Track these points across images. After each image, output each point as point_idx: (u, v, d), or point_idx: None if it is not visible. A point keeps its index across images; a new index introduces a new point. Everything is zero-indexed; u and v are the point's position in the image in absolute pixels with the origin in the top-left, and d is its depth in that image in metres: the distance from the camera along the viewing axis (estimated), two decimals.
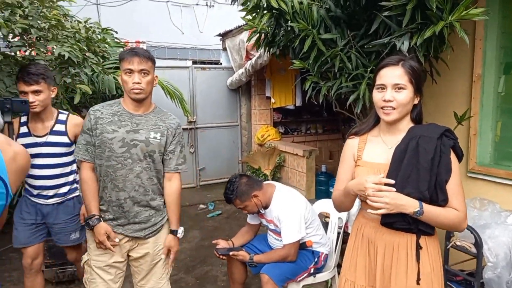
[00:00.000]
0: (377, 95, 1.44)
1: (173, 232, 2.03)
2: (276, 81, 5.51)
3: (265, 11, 2.25)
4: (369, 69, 2.05)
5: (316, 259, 2.42)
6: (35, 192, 2.33)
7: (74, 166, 2.37)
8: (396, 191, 1.35)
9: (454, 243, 2.07)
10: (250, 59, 5.08)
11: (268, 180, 5.17)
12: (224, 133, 6.23)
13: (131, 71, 1.82)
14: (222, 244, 2.49)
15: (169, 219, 2.04)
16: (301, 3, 2.17)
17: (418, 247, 1.43)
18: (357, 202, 1.61)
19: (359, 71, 2.06)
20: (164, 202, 2.04)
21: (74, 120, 2.36)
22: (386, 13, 1.75)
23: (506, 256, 1.94)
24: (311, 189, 4.75)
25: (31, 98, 2.14)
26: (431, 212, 1.35)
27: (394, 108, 1.40)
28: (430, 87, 2.36)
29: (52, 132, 2.27)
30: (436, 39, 1.62)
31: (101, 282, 1.92)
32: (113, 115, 1.88)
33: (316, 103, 2.67)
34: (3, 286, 3.18)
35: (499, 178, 2.36)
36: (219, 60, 7.16)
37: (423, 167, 1.35)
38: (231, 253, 2.38)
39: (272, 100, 5.61)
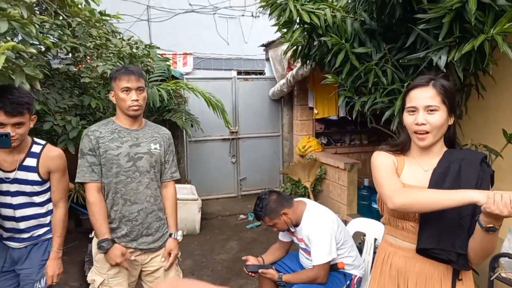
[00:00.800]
0: (409, 119, 1.36)
1: (172, 235, 2.07)
2: (319, 92, 5.41)
3: (298, 26, 2.21)
4: (406, 84, 1.93)
5: (348, 282, 2.31)
6: (6, 235, 1.94)
7: (50, 206, 1.99)
8: (436, 217, 1.27)
9: (499, 274, 1.88)
10: (292, 69, 5.04)
11: (308, 192, 5.07)
12: (266, 143, 6.22)
13: (128, 89, 1.87)
14: (251, 260, 2.45)
15: (168, 223, 2.09)
16: (334, 16, 2.10)
17: (455, 278, 1.33)
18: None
19: (395, 86, 1.95)
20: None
21: (50, 153, 1.92)
22: (422, 26, 1.64)
23: None
24: (353, 204, 4.58)
25: (10, 131, 1.72)
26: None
27: (427, 132, 1.32)
28: (477, 102, 2.17)
29: (21, 168, 1.86)
30: (476, 54, 1.48)
31: None
32: (112, 132, 1.92)
33: (350, 118, 2.57)
34: None
35: None
36: (263, 70, 7.19)
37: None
38: (260, 270, 2.34)
39: (315, 111, 5.51)
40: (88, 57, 2.94)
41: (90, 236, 2.09)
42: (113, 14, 3.26)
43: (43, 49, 2.74)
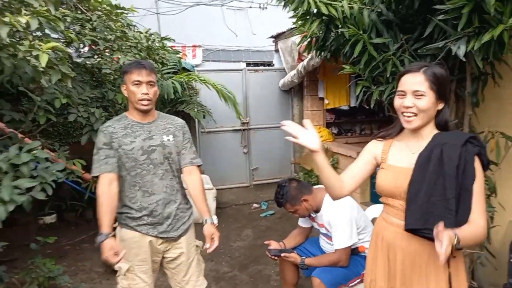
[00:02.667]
0: (397, 101, 1.46)
1: (207, 221, 2.08)
2: (330, 82, 5.45)
3: (315, 18, 2.26)
4: None
5: None
6: None
7: None
8: (422, 199, 1.36)
9: None
10: (302, 60, 5.09)
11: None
12: (276, 134, 6.29)
13: (139, 83, 1.90)
14: (274, 245, 2.55)
15: (199, 211, 2.10)
16: (351, 8, 2.15)
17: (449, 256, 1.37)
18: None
19: None
20: (186, 200, 2.15)
21: None
22: (440, 17, 1.69)
23: None
24: (366, 192, 4.65)
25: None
26: (466, 237, 1.29)
27: (415, 114, 1.41)
28: (493, 90, 2.22)
29: None
30: (495, 43, 1.54)
31: (145, 286, 2.00)
32: (125, 128, 1.96)
33: (367, 107, 2.64)
34: (77, 274, 3.50)
35: None
36: (272, 62, 7.22)
37: (449, 174, 1.34)
38: (282, 254, 2.44)
39: (326, 101, 5.56)
40: (107, 50, 3.01)
41: (113, 225, 2.18)
42: (128, 8, 3.33)
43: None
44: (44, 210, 4.71)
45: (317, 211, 2.42)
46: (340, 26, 2.20)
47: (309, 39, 2.76)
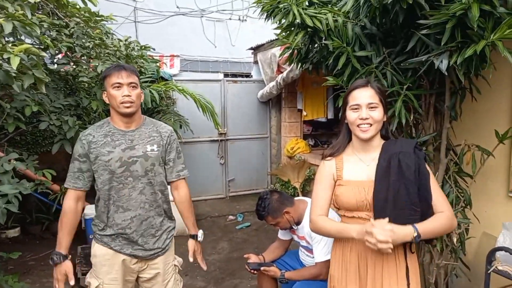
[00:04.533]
0: (352, 115, 1.56)
1: (193, 237, 2.06)
2: (308, 94, 5.51)
3: (300, 29, 2.27)
4: (405, 87, 2.02)
5: None
6: None
7: None
8: (390, 207, 1.46)
9: (496, 267, 1.98)
10: (282, 72, 5.12)
11: (298, 193, 5.14)
12: (254, 145, 6.28)
13: (120, 85, 1.78)
14: (253, 258, 2.49)
15: (187, 226, 2.07)
16: (335, 21, 2.17)
17: (406, 252, 1.55)
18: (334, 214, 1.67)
19: (394, 88, 2.03)
20: (169, 215, 2.03)
21: None
22: (424, 31, 1.72)
23: None
24: None
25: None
26: (427, 228, 1.43)
27: (370, 125, 1.52)
28: (470, 105, 2.29)
29: None
30: (477, 58, 1.58)
31: None
32: (105, 136, 1.84)
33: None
34: None
35: None
36: (250, 73, 7.24)
37: (409, 180, 1.46)
38: (262, 268, 2.38)
39: (304, 113, 5.61)
40: (84, 57, 2.91)
41: (90, 237, 2.07)
42: (106, 16, 3.25)
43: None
44: (7, 223, 4.44)
45: (298, 223, 2.39)
46: (324, 38, 2.21)
47: (290, 51, 2.76)
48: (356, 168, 1.59)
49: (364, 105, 1.52)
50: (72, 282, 1.80)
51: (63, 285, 1.78)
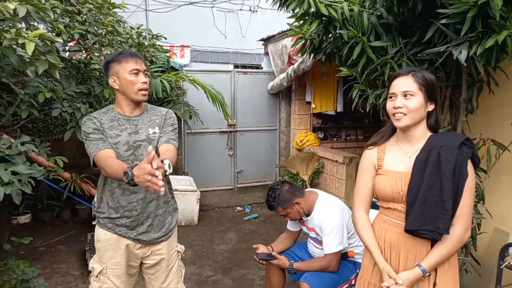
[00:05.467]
0: (389, 104, 1.53)
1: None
2: (318, 86, 5.47)
3: (314, 18, 2.24)
4: None
5: (358, 270, 2.36)
6: None
7: None
8: (419, 201, 1.43)
9: (509, 262, 1.96)
10: (292, 64, 5.08)
11: (306, 185, 5.13)
12: (263, 137, 6.26)
13: (138, 71, 1.79)
14: (262, 249, 2.49)
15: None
16: (351, 10, 2.14)
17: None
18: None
19: None
20: (173, 201, 2.02)
21: None
22: (443, 21, 1.68)
23: None
24: (351, 197, 4.65)
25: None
26: (434, 261, 1.45)
27: (404, 114, 1.47)
28: (486, 98, 2.24)
29: None
30: (497, 49, 1.54)
31: None
32: (112, 120, 1.85)
33: (362, 111, 2.62)
34: (52, 277, 3.35)
35: None
36: (260, 65, 7.20)
37: (445, 177, 1.40)
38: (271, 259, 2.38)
39: (313, 105, 5.57)
40: (96, 45, 2.91)
41: (93, 223, 2.06)
42: (118, 3, 3.24)
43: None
44: (18, 210, 4.50)
45: (308, 214, 2.39)
46: (339, 28, 2.18)
47: (303, 41, 2.73)
48: (397, 158, 1.56)
49: (399, 93, 1.49)
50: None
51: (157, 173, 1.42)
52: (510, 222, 2.19)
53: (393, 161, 1.56)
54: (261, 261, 2.44)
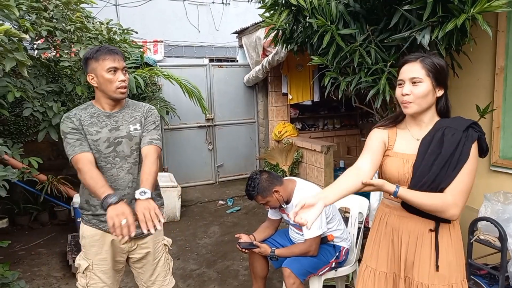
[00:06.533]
0: (397, 90, 1.52)
1: (143, 194, 1.59)
2: (293, 77, 5.51)
3: (284, 8, 2.27)
4: (388, 64, 2.05)
5: (337, 254, 2.44)
6: None
7: None
8: (418, 178, 1.43)
9: (478, 236, 2.06)
10: (267, 55, 5.10)
11: (286, 176, 5.19)
12: (242, 130, 6.27)
13: (116, 69, 1.76)
14: (244, 238, 2.53)
15: (141, 180, 1.71)
16: None
17: (437, 233, 1.49)
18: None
19: (378, 65, 2.06)
20: (157, 193, 2.03)
21: None
22: (406, 7, 1.74)
23: None
24: (331, 181, 4.74)
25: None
26: (410, 194, 1.40)
27: (411, 102, 1.46)
28: (452, 81, 2.33)
29: None
30: (458, 32, 1.61)
31: (104, 286, 1.90)
32: (92, 116, 1.83)
33: (334, 98, 2.68)
34: (33, 280, 3.30)
35: None
36: (236, 58, 7.19)
37: (443, 156, 1.41)
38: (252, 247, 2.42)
39: (289, 97, 5.62)
40: (65, 42, 2.85)
41: (78, 220, 2.04)
42: None
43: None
44: None
45: (287, 202, 2.43)
46: (308, 17, 2.21)
47: (275, 32, 2.76)
48: (406, 142, 1.56)
49: (407, 80, 1.47)
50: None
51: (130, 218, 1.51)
52: (480, 200, 2.29)
53: (402, 144, 1.56)
54: (243, 249, 2.47)
